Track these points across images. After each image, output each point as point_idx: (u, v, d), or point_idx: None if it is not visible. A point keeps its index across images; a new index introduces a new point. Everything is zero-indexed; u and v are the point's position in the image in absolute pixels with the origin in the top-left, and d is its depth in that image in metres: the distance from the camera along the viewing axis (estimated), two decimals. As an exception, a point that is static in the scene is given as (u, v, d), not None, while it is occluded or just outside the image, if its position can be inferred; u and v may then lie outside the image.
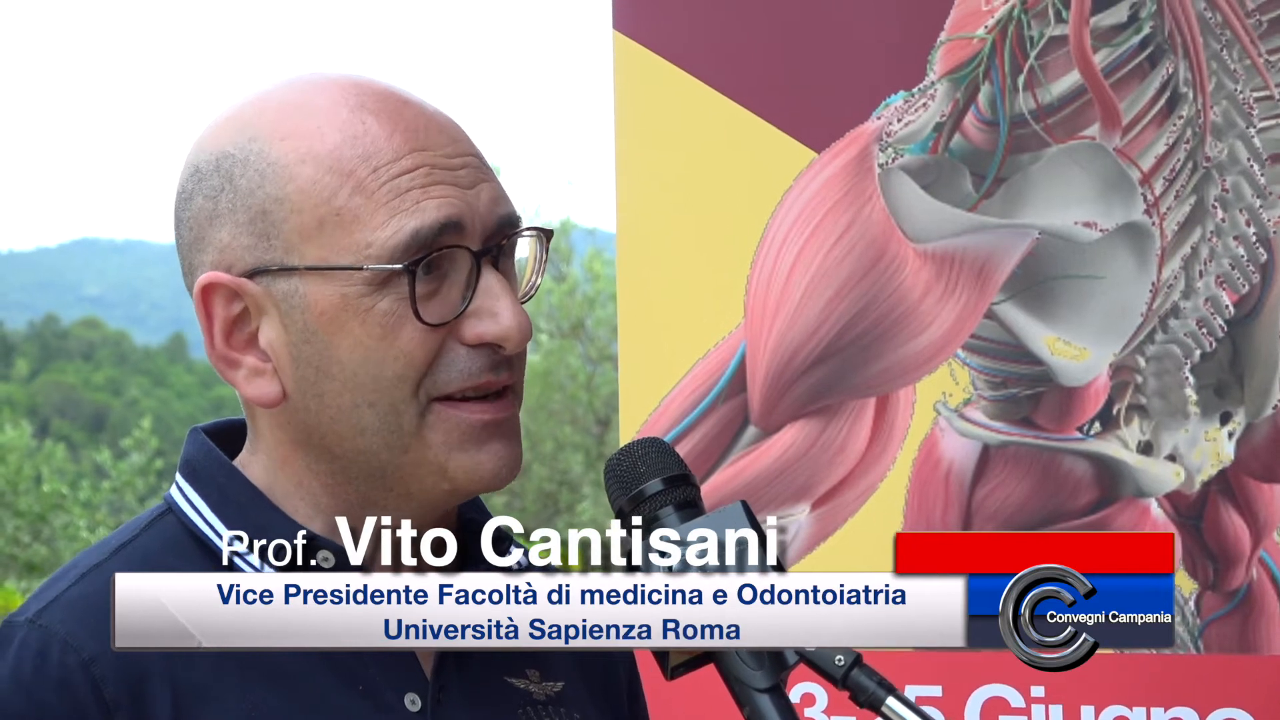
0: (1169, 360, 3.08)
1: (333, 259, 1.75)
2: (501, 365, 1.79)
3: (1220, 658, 3.05)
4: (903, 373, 3.12)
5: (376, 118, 1.77)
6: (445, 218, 1.75)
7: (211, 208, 1.79)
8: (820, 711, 3.04)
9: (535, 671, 1.87)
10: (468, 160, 1.79)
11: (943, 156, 3.11)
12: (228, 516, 1.80)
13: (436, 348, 1.76)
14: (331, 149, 1.76)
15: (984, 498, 3.11)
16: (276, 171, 1.76)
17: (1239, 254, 3.07)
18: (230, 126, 1.80)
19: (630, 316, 3.18)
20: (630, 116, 3.17)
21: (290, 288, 1.76)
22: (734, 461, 3.14)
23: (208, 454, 1.84)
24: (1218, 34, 3.06)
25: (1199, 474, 3.07)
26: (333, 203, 1.75)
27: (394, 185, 1.75)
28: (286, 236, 1.76)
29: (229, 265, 1.78)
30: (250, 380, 1.79)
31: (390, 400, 1.75)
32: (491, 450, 1.78)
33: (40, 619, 1.75)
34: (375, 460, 1.77)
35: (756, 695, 1.62)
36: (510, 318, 1.76)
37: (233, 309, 1.78)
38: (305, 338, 1.77)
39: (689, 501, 1.70)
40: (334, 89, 1.80)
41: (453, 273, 1.77)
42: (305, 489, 1.81)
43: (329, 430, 1.78)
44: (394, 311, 1.74)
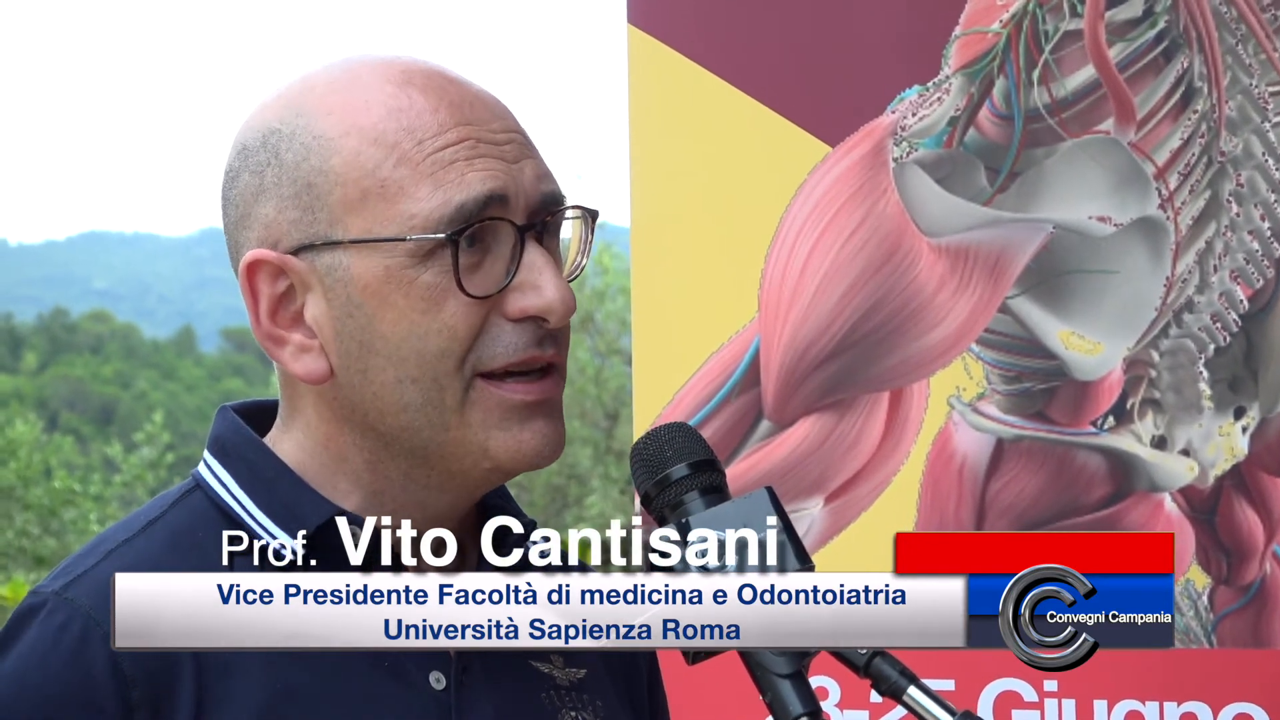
0: (1183, 355, 3.08)
1: (376, 230, 1.75)
2: (546, 340, 1.78)
3: (1233, 652, 3.05)
4: (917, 367, 3.12)
5: (422, 92, 1.77)
6: (490, 190, 1.75)
7: (258, 183, 1.79)
8: (834, 705, 3.04)
9: (559, 658, 1.87)
10: (513, 136, 1.79)
11: (957, 151, 3.12)
12: (256, 493, 1.81)
13: (480, 322, 1.76)
14: (376, 121, 1.76)
15: (997, 492, 3.12)
16: (322, 145, 1.77)
17: (1253, 248, 3.07)
18: (278, 104, 1.81)
19: (644, 311, 3.19)
20: (644, 111, 3.18)
21: (334, 261, 1.76)
22: (748, 455, 3.15)
23: (237, 431, 1.85)
24: (1233, 28, 3.06)
25: (1213, 468, 3.08)
26: (377, 174, 1.75)
27: (438, 158, 1.75)
28: (331, 209, 1.76)
29: (275, 241, 1.78)
30: (297, 357, 1.79)
31: (433, 375, 1.75)
32: (534, 428, 1.78)
33: (67, 592, 1.76)
34: (418, 438, 1.77)
35: (778, 681, 1.62)
36: (554, 291, 1.76)
37: (278, 286, 1.79)
38: (349, 311, 1.77)
39: (715, 487, 1.70)
40: (380, 67, 1.80)
41: (496, 246, 1.77)
42: (347, 465, 1.81)
43: (371, 407, 1.78)
44: (438, 284, 1.74)
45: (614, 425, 24.98)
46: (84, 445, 38.14)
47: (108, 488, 28.57)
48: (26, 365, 52.56)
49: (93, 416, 50.37)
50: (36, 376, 52.29)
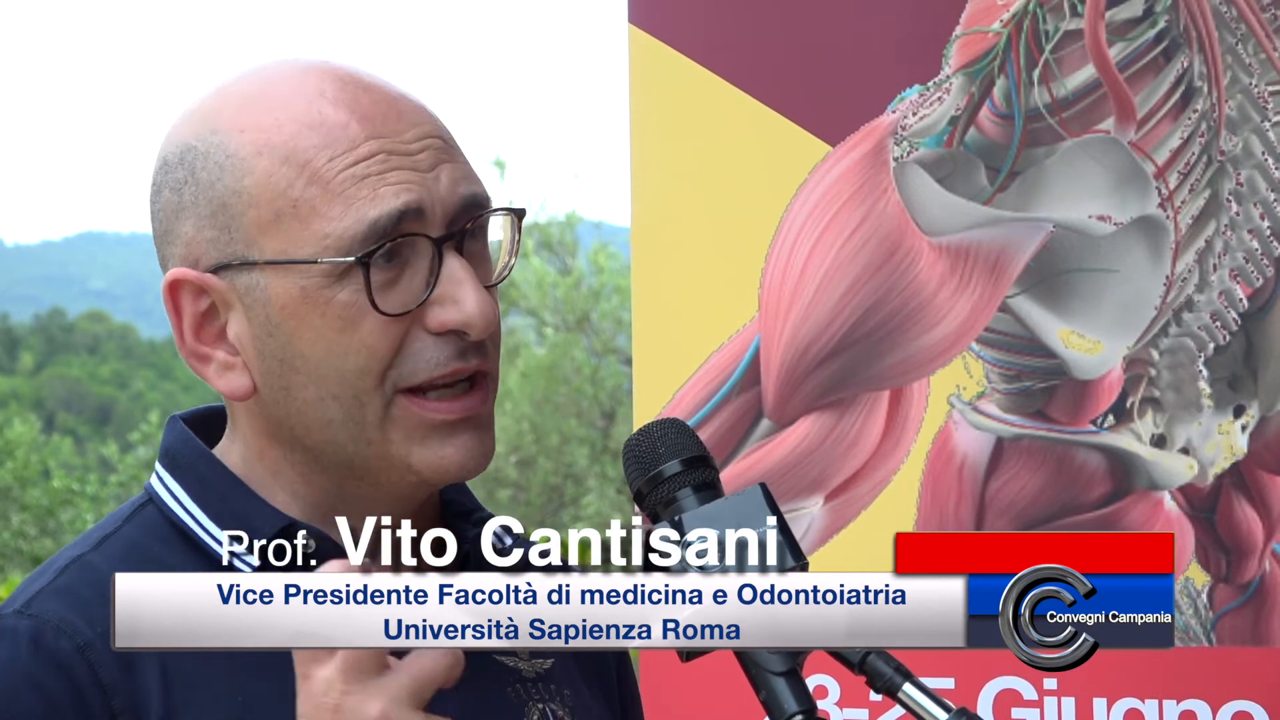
0: (1183, 353, 3.09)
1: (291, 251, 1.74)
2: (470, 352, 1.77)
3: (1233, 650, 3.05)
4: (917, 366, 3.12)
5: (334, 105, 1.76)
6: (404, 205, 1.73)
7: (177, 200, 1.79)
8: (833, 704, 3.04)
9: (524, 649, 1.86)
10: (427, 143, 1.77)
11: (958, 150, 3.12)
12: (208, 505, 1.80)
13: (400, 338, 1.75)
14: (287, 139, 1.74)
15: (997, 491, 3.12)
16: (235, 164, 1.75)
17: (1253, 247, 3.07)
18: (195, 118, 1.80)
19: (644, 310, 3.19)
20: (645, 110, 3.18)
21: (252, 281, 1.76)
22: (748, 454, 3.15)
23: (186, 443, 1.85)
24: (1233, 28, 3.06)
25: (1212, 467, 3.08)
26: (289, 194, 1.74)
27: (350, 174, 1.73)
28: (246, 230, 1.75)
29: (195, 260, 1.78)
30: (221, 374, 1.80)
31: (354, 393, 1.75)
32: (458, 443, 1.77)
33: (30, 609, 1.75)
34: (343, 452, 1.77)
35: (773, 678, 1.61)
36: (474, 304, 1.74)
37: (200, 304, 1.79)
38: (269, 331, 1.76)
39: (708, 483, 1.68)
40: (295, 77, 1.78)
41: (415, 259, 1.75)
42: (282, 478, 1.81)
43: (297, 422, 1.78)
44: (354, 303, 1.73)
45: (610, 425, 24.98)
46: (81, 445, 38.11)
47: (104, 488, 28.55)
48: (23, 366, 52.53)
49: (90, 417, 50.34)
50: (33, 377, 52.26)
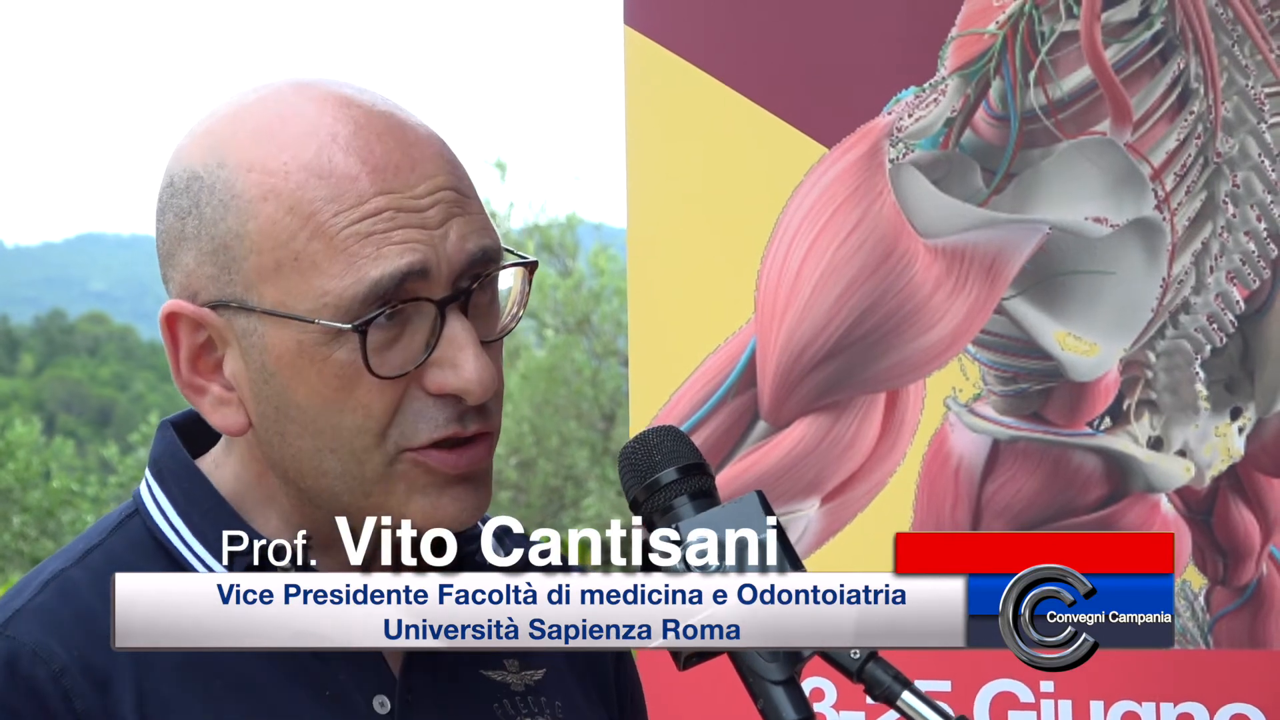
0: (1179, 355, 3.08)
1: (289, 304, 1.70)
2: (469, 416, 1.73)
3: (1230, 653, 3.05)
4: (913, 368, 3.12)
5: (345, 153, 1.70)
6: (408, 266, 1.69)
7: (180, 228, 1.75)
8: (829, 707, 3.04)
9: (514, 661, 1.85)
10: (439, 197, 1.72)
11: (953, 152, 3.12)
12: (192, 522, 1.79)
13: (398, 398, 1.71)
14: (295, 189, 1.70)
15: (993, 493, 3.12)
16: (240, 206, 1.71)
17: (1250, 249, 3.07)
18: (205, 142, 1.76)
19: (640, 312, 3.19)
20: (641, 112, 3.17)
21: (249, 325, 1.73)
22: (744, 457, 3.15)
23: (174, 456, 1.83)
24: (1229, 29, 3.06)
25: (1209, 469, 3.07)
26: (291, 246, 1.69)
27: (355, 230, 1.69)
28: (246, 274, 1.71)
29: (194, 293, 1.75)
30: (216, 408, 1.77)
31: (350, 449, 1.72)
32: (454, 494, 1.74)
33: (7, 629, 1.73)
34: (339, 500, 1.74)
35: (771, 687, 1.60)
36: (472, 370, 1.70)
37: (197, 337, 1.76)
38: (264, 378, 1.73)
39: (704, 491, 1.67)
40: (310, 112, 1.73)
41: (417, 319, 1.71)
42: (277, 504, 1.79)
43: (291, 466, 1.75)
44: (351, 362, 1.69)
45: (611, 427, 24.98)
46: (81, 447, 38.11)
47: (104, 489, 28.56)
48: (24, 367, 52.55)
49: (90, 418, 50.34)
50: (34, 378, 52.28)
